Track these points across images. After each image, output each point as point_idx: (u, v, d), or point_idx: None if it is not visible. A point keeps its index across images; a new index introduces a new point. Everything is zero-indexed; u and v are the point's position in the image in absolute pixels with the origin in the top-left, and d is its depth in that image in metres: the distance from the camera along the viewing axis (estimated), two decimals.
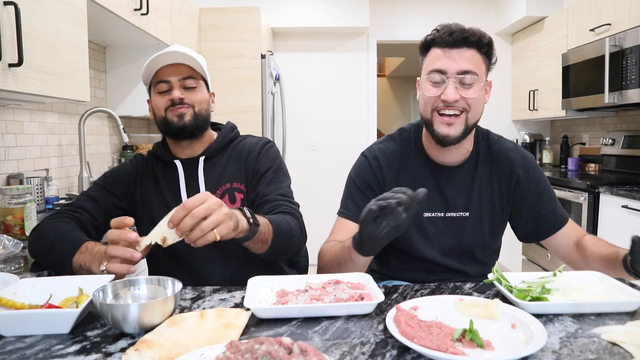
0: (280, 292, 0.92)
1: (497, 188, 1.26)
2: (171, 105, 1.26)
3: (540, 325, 0.73)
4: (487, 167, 1.26)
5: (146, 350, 0.68)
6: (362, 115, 4.36)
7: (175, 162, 1.33)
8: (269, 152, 1.36)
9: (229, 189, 1.31)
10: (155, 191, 1.33)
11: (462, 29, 1.12)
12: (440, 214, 1.25)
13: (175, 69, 1.27)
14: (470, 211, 1.25)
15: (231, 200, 1.31)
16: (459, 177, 1.25)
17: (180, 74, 1.27)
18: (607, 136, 3.41)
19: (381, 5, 4.28)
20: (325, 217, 4.00)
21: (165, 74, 1.27)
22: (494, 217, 1.27)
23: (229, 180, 1.32)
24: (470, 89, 1.12)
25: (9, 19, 1.33)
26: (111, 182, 1.33)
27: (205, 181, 1.31)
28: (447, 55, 1.12)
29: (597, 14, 3.02)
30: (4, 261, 1.22)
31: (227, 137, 1.38)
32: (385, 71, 8.54)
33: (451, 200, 1.24)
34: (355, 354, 0.69)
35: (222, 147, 1.36)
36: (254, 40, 3.34)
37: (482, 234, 1.26)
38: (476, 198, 1.25)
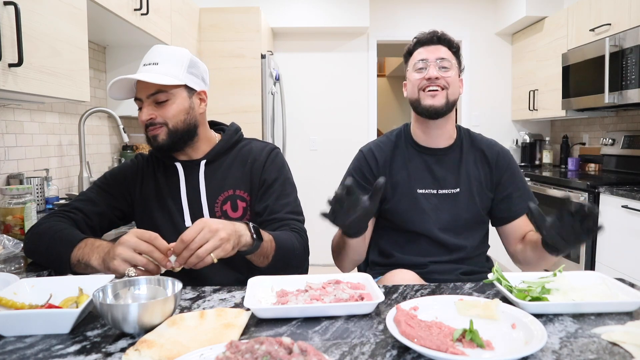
0: (280, 292, 0.92)
1: (482, 170, 1.41)
2: (146, 125, 1.24)
3: (540, 325, 0.73)
4: (471, 152, 1.43)
5: (146, 350, 0.68)
6: (362, 115, 4.36)
7: (176, 164, 1.31)
8: (276, 161, 1.34)
9: (232, 196, 1.29)
10: (155, 193, 1.32)
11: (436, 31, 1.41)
12: (433, 190, 1.39)
13: (144, 84, 1.21)
14: (460, 187, 1.39)
15: (233, 209, 1.29)
16: (447, 159, 1.41)
17: (148, 89, 1.21)
18: (607, 136, 3.40)
19: (381, 5, 4.27)
20: None
21: (137, 91, 1.23)
22: (482, 195, 1.40)
23: (232, 187, 1.29)
24: (448, 72, 1.35)
25: (9, 19, 1.33)
26: (110, 183, 1.32)
27: (206, 186, 1.29)
28: (427, 50, 1.39)
29: (597, 14, 3.02)
30: (4, 261, 1.22)
31: (231, 140, 1.35)
32: (385, 71, 8.54)
33: (441, 178, 1.39)
34: (355, 354, 0.69)
35: (225, 150, 1.33)
36: (254, 40, 3.34)
37: (475, 208, 1.38)
38: (465, 176, 1.39)
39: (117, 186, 1.32)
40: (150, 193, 1.31)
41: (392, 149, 1.43)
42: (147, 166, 1.36)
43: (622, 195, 2.46)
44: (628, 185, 2.64)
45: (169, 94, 1.23)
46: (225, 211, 1.28)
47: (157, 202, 1.31)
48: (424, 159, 1.40)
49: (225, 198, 1.29)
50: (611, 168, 3.36)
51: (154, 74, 1.20)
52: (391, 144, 1.44)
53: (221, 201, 1.28)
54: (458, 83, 1.38)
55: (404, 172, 1.39)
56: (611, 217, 2.56)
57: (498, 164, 1.41)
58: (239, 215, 1.29)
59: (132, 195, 1.32)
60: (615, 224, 2.53)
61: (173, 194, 1.30)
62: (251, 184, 1.30)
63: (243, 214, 1.29)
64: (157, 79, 1.18)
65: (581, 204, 0.98)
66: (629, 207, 2.39)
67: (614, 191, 2.54)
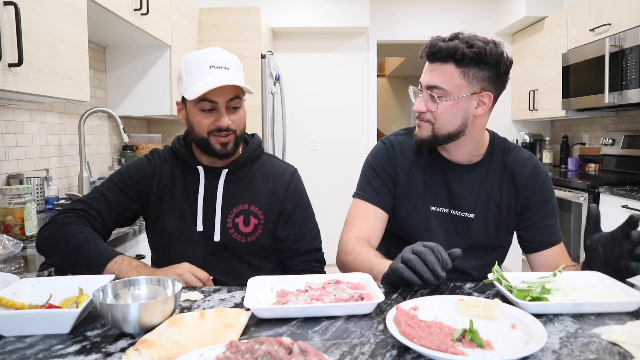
0: (280, 292, 0.92)
1: (506, 194, 1.27)
2: (216, 130, 1.21)
3: (540, 325, 0.73)
4: (498, 172, 1.27)
5: (146, 350, 0.68)
6: (362, 115, 4.36)
7: (198, 167, 1.30)
8: (297, 187, 1.35)
9: (246, 211, 1.28)
10: (170, 192, 1.29)
11: (434, 44, 1.15)
12: (445, 210, 1.27)
13: (223, 89, 1.19)
14: (476, 212, 1.26)
15: (245, 224, 1.28)
16: (469, 177, 1.27)
17: (227, 94, 1.21)
18: (607, 136, 3.40)
19: (381, 5, 4.27)
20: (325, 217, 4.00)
21: (212, 94, 1.18)
22: (499, 223, 1.27)
23: (249, 202, 1.29)
24: (436, 103, 1.17)
25: (9, 19, 1.33)
26: (127, 182, 1.29)
27: (223, 196, 1.28)
28: (426, 69, 1.20)
29: (597, 14, 3.02)
30: (4, 261, 1.22)
31: (254, 154, 1.34)
32: (385, 71, 8.54)
33: (458, 198, 1.26)
34: (355, 354, 0.69)
35: (247, 162, 1.33)
36: (254, 40, 3.34)
37: (487, 237, 1.27)
38: (484, 200, 1.26)
39: (134, 186, 1.29)
40: (165, 191, 1.29)
41: (414, 153, 1.31)
42: (164, 163, 1.32)
43: (622, 195, 2.46)
44: (628, 185, 2.64)
45: (241, 102, 1.25)
46: (237, 224, 1.28)
47: (170, 201, 1.29)
48: (444, 173, 1.28)
49: (240, 211, 1.28)
50: (611, 168, 3.36)
51: (235, 80, 1.20)
52: (414, 148, 1.31)
53: (235, 213, 1.28)
54: (457, 112, 1.18)
55: (421, 185, 1.28)
56: (611, 217, 2.55)
57: (527, 187, 1.25)
58: (249, 230, 1.28)
59: (148, 195, 1.30)
60: (615, 224, 2.51)
61: (189, 196, 1.28)
62: (270, 205, 1.30)
63: (254, 230, 1.28)
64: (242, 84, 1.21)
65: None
66: (629, 207, 2.39)
67: (614, 191, 2.54)
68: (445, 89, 1.15)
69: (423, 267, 0.90)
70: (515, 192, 1.27)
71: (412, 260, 0.91)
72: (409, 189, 1.29)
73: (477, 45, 1.13)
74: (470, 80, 1.16)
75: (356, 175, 1.39)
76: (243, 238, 1.28)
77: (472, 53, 1.12)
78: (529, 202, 1.26)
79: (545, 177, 1.28)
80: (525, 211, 1.27)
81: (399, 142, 1.33)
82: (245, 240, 1.28)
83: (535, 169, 1.27)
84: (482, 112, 1.20)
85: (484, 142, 1.29)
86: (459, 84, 1.15)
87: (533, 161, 1.29)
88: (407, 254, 0.93)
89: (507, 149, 1.30)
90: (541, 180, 1.27)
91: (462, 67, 1.14)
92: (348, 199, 1.38)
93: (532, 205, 1.26)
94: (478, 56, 1.13)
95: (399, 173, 1.30)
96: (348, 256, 1.19)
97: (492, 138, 1.31)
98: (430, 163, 1.29)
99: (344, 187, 4.37)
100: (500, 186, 1.27)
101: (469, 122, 1.20)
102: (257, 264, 1.30)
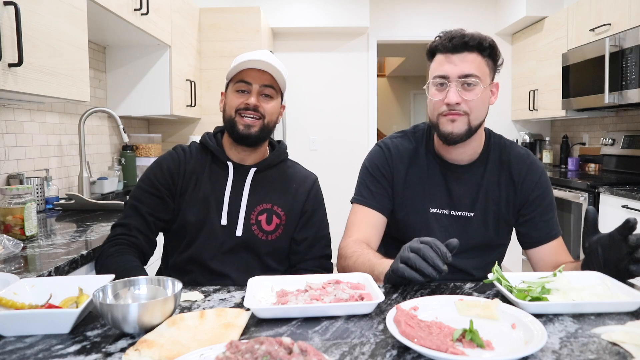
0: (280, 292, 0.92)
1: (505, 191, 1.28)
2: (244, 109, 1.27)
3: (540, 325, 0.73)
4: (496, 170, 1.28)
5: (146, 350, 0.68)
6: (362, 115, 4.36)
7: (228, 163, 1.33)
8: (318, 193, 1.42)
9: (269, 210, 1.32)
10: (194, 187, 1.31)
11: (462, 34, 1.16)
12: (445, 211, 1.28)
13: (259, 74, 1.27)
14: (475, 211, 1.27)
15: (267, 222, 1.32)
16: (467, 177, 1.28)
17: (262, 80, 1.28)
18: (607, 136, 3.40)
19: (381, 5, 4.27)
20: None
21: (249, 76, 1.27)
22: (499, 220, 1.28)
23: (272, 202, 1.33)
24: (472, 92, 1.16)
25: (9, 19, 1.33)
26: (156, 185, 1.29)
27: (249, 193, 1.32)
28: (448, 60, 1.17)
29: (597, 14, 3.02)
30: (4, 261, 1.22)
31: (280, 157, 1.40)
32: (385, 71, 8.54)
33: (456, 199, 1.27)
34: (355, 354, 0.69)
35: (273, 165, 1.38)
36: (254, 40, 3.34)
37: (487, 234, 1.28)
38: (482, 198, 1.27)
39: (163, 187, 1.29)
40: (189, 184, 1.31)
41: (411, 156, 1.31)
42: (189, 157, 1.34)
43: (622, 195, 2.46)
44: (628, 185, 2.64)
45: (275, 93, 1.31)
46: (260, 222, 1.31)
47: (193, 194, 1.30)
48: (444, 175, 1.28)
49: (263, 209, 1.32)
50: (611, 168, 3.36)
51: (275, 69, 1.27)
52: (410, 150, 1.31)
53: (258, 211, 1.32)
54: (487, 99, 1.20)
55: (419, 186, 1.28)
56: (611, 217, 2.56)
57: (524, 182, 1.27)
58: (271, 229, 1.32)
59: (175, 189, 1.31)
60: (615, 224, 2.52)
61: (217, 189, 1.31)
62: (291, 207, 1.35)
63: (275, 229, 1.32)
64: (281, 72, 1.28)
65: None
66: (629, 207, 2.39)
67: (614, 191, 2.54)
68: (479, 76, 1.16)
69: (423, 263, 0.89)
70: (513, 188, 1.27)
71: (411, 259, 0.90)
72: (407, 191, 1.29)
73: (488, 37, 1.19)
74: (490, 70, 1.21)
75: (356, 175, 1.38)
76: (264, 236, 1.31)
77: (491, 43, 1.19)
78: (527, 198, 1.27)
79: (542, 172, 1.30)
80: (523, 207, 1.28)
81: (394, 145, 1.33)
82: (266, 238, 1.31)
83: (532, 165, 1.29)
84: (494, 101, 1.25)
85: (483, 138, 1.30)
86: (485, 71, 1.19)
87: (529, 157, 1.31)
88: (406, 252, 0.93)
89: (503, 146, 1.31)
90: (538, 175, 1.28)
91: (485, 56, 1.18)
92: (348, 199, 1.38)
93: (531, 201, 1.27)
94: (493, 47, 1.19)
95: (396, 176, 1.30)
96: (348, 260, 1.19)
97: (487, 136, 1.32)
98: (427, 165, 1.29)
99: (344, 187, 4.36)
100: (498, 183, 1.27)
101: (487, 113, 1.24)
102: (272, 265, 1.33)
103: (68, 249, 1.32)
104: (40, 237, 1.48)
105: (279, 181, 1.37)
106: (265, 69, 1.26)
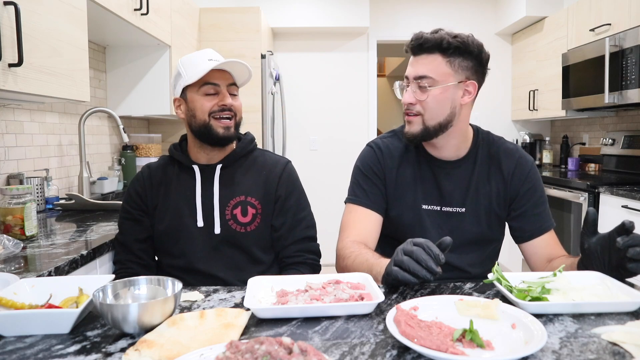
0: (280, 292, 0.92)
1: (495, 185, 1.29)
2: (220, 110, 1.28)
3: (540, 325, 0.73)
4: (485, 165, 1.30)
5: (146, 350, 0.68)
6: (362, 115, 4.36)
7: (193, 167, 1.36)
8: (291, 176, 1.41)
9: (243, 202, 1.34)
10: (164, 197, 1.36)
11: (421, 36, 1.19)
12: (437, 207, 1.29)
13: (222, 74, 1.29)
14: (466, 207, 1.28)
15: (243, 214, 1.34)
16: (457, 173, 1.29)
17: (228, 80, 1.30)
18: (607, 136, 3.40)
19: (381, 5, 4.27)
20: (325, 217, 4.00)
21: (214, 77, 1.28)
22: (491, 214, 1.29)
23: (244, 194, 1.35)
24: (424, 93, 1.19)
25: (9, 19, 1.33)
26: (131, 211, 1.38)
27: (219, 190, 1.34)
28: (411, 62, 1.23)
29: (597, 14, 3.02)
30: (4, 261, 1.22)
31: (247, 149, 1.40)
32: (385, 71, 8.54)
33: (448, 194, 1.28)
34: (355, 354, 0.69)
35: (240, 157, 1.39)
36: (254, 40, 3.34)
37: (480, 229, 1.29)
38: (473, 194, 1.28)
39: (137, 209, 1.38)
40: (159, 197, 1.37)
41: (401, 153, 1.33)
42: (155, 174, 1.39)
43: (622, 195, 2.46)
44: (628, 185, 2.64)
45: (238, 91, 1.35)
46: (235, 215, 1.33)
47: (165, 203, 1.36)
48: (433, 171, 1.30)
49: (237, 203, 1.34)
50: (611, 168, 3.36)
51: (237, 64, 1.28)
52: (400, 148, 1.33)
53: (232, 205, 1.34)
54: (445, 101, 1.20)
55: (411, 184, 1.30)
56: (611, 217, 2.56)
57: (514, 176, 1.28)
58: (248, 220, 1.34)
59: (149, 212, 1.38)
60: (615, 224, 2.52)
61: (187, 195, 1.35)
62: (265, 194, 1.36)
63: (252, 220, 1.34)
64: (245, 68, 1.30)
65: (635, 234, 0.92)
66: (629, 207, 2.39)
67: (614, 191, 2.54)
68: (433, 78, 1.18)
69: (417, 266, 0.89)
70: (503, 182, 1.29)
71: (405, 262, 0.90)
72: (398, 189, 1.31)
73: (460, 35, 1.19)
74: (456, 69, 1.19)
75: None
76: (242, 228, 1.33)
77: (457, 42, 1.17)
78: (517, 191, 1.29)
79: (532, 165, 1.31)
80: (514, 201, 1.29)
81: (385, 145, 1.35)
82: (244, 230, 1.33)
83: (521, 159, 1.30)
84: (468, 100, 1.24)
85: (469, 136, 1.31)
86: (446, 72, 1.19)
87: (518, 151, 1.32)
88: (399, 256, 0.92)
89: (492, 141, 1.33)
90: (527, 168, 1.29)
91: (448, 56, 1.18)
92: None
93: (521, 194, 1.29)
94: (463, 45, 1.18)
95: (388, 175, 1.32)
96: (346, 260, 1.19)
97: (475, 132, 1.33)
98: (418, 162, 1.31)
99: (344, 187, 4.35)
100: (488, 178, 1.29)
101: (456, 112, 1.23)
102: (258, 255, 1.35)
103: (68, 249, 1.32)
104: (40, 237, 1.48)
105: (249, 172, 1.38)
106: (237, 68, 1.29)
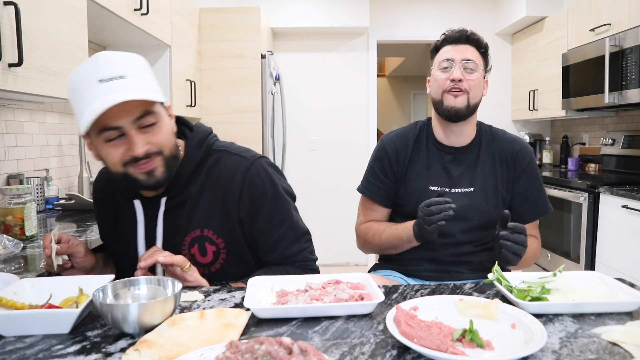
0: (280, 292, 0.92)
1: (499, 168, 1.41)
2: (132, 161, 0.96)
3: (540, 325, 0.73)
4: (489, 150, 1.43)
5: (146, 350, 0.68)
6: (362, 115, 4.35)
7: (134, 202, 1.09)
8: (254, 186, 1.09)
9: (199, 238, 1.08)
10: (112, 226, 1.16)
11: (465, 29, 1.40)
12: (446, 189, 1.39)
13: (123, 107, 0.91)
14: (474, 186, 1.39)
15: (201, 252, 1.08)
16: (464, 157, 1.42)
17: (132, 112, 0.93)
18: (607, 136, 3.40)
19: (381, 5, 4.27)
20: (325, 217, 4.00)
21: (112, 118, 0.91)
22: (497, 195, 1.40)
23: (200, 226, 1.08)
24: (472, 74, 1.36)
25: (9, 19, 1.33)
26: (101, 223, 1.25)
27: (164, 230, 1.08)
28: (454, 49, 1.38)
29: (597, 14, 3.02)
30: (4, 261, 1.22)
31: (196, 159, 1.09)
32: (385, 71, 8.54)
33: (456, 177, 1.40)
34: (355, 354, 0.69)
35: (189, 175, 1.08)
36: (254, 40, 3.34)
37: (488, 207, 1.38)
38: (480, 175, 1.40)
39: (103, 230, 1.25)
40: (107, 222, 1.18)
41: (414, 142, 1.45)
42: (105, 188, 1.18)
43: (622, 195, 2.46)
44: (628, 185, 2.64)
45: (156, 115, 0.97)
46: (194, 255, 1.09)
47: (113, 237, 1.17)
48: (442, 157, 1.42)
49: (193, 240, 1.08)
50: (611, 168, 3.36)
51: (136, 90, 0.92)
52: (413, 137, 1.46)
53: (188, 243, 1.08)
54: (482, 86, 1.40)
55: (421, 168, 1.42)
56: (611, 217, 2.56)
57: (516, 162, 1.41)
58: (208, 260, 1.09)
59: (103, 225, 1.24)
60: (615, 224, 2.53)
61: (129, 236, 1.10)
62: (225, 221, 1.08)
63: (214, 259, 1.09)
64: (148, 95, 0.93)
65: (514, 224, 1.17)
66: (629, 207, 2.39)
67: (614, 191, 2.54)
68: (477, 63, 1.37)
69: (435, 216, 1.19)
70: (506, 165, 1.42)
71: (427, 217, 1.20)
72: (409, 173, 1.43)
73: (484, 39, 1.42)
74: (483, 65, 1.40)
75: (356, 174, 1.41)
76: (206, 269, 1.09)
77: (485, 44, 1.42)
78: (520, 175, 1.41)
79: (532, 155, 1.45)
80: (515, 185, 1.42)
81: (397, 135, 1.49)
82: (208, 271, 1.09)
83: (524, 147, 1.44)
84: (486, 93, 1.44)
85: (475, 127, 1.46)
86: (481, 63, 1.39)
87: (520, 140, 1.46)
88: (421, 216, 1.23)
89: (495, 132, 1.47)
90: (529, 156, 1.43)
91: (480, 52, 1.40)
92: (348, 199, 1.40)
93: (523, 179, 1.41)
94: (487, 49, 1.43)
95: (401, 163, 1.44)
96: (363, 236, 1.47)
97: (479, 124, 1.47)
98: (428, 149, 1.44)
99: (344, 187, 4.37)
100: (493, 161, 1.42)
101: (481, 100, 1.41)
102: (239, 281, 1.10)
103: None
104: (40, 237, 1.48)
105: (204, 192, 1.09)
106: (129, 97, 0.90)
